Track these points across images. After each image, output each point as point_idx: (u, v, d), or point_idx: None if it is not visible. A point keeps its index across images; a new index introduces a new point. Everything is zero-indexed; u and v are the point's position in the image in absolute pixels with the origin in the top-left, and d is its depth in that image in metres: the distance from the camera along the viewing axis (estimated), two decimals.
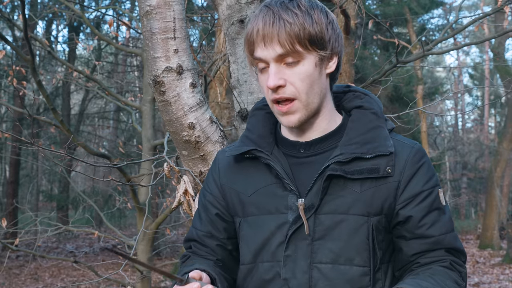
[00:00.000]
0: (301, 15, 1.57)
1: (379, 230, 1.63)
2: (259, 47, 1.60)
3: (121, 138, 21.08)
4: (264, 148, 1.72)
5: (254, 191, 1.72)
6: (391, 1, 18.07)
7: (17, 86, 5.62)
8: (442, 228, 1.64)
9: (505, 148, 17.37)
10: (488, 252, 17.00)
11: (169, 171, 2.61)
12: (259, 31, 1.58)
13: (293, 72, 1.60)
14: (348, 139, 1.67)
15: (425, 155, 1.69)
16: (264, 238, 1.68)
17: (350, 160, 1.62)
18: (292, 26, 1.55)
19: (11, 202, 14.92)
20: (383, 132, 1.68)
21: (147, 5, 2.35)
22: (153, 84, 2.42)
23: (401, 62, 3.80)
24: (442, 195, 1.68)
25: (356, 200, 1.61)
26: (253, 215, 1.71)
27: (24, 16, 3.84)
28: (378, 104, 1.76)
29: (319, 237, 1.62)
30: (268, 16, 1.58)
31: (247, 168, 1.76)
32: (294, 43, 1.56)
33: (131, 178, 6.25)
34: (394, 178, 1.63)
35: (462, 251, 1.67)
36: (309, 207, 1.62)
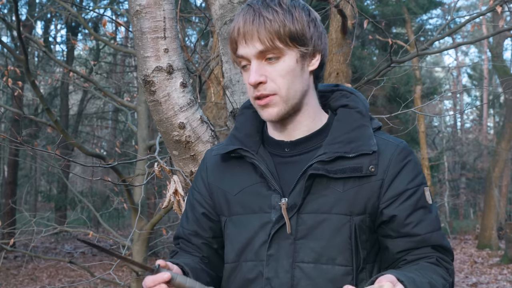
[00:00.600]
0: (282, 12, 1.58)
1: (363, 230, 1.62)
2: (240, 45, 1.61)
3: (119, 138, 21.08)
4: (250, 148, 1.72)
5: (239, 190, 1.72)
6: (389, 1, 18.09)
7: (12, 86, 5.61)
8: (428, 227, 1.63)
9: (504, 148, 17.39)
10: (487, 252, 17.02)
11: (160, 171, 2.60)
12: (240, 29, 1.60)
13: (274, 68, 1.61)
14: (332, 138, 1.66)
15: (410, 153, 1.68)
16: (248, 237, 1.68)
17: (333, 159, 1.62)
18: (272, 22, 1.57)
19: (9, 203, 14.91)
20: (367, 131, 1.67)
21: (137, 4, 2.34)
22: (143, 84, 2.41)
23: (395, 62, 3.80)
24: (428, 194, 1.67)
25: (339, 199, 1.61)
26: (238, 214, 1.72)
27: (17, 15, 3.83)
28: (364, 103, 1.76)
29: (302, 236, 1.61)
30: (248, 14, 1.59)
31: (233, 167, 1.77)
32: (274, 39, 1.57)
33: (125, 178, 6.24)
34: (377, 177, 1.62)
35: (449, 249, 1.66)
36: (291, 206, 1.62)
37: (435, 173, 21.21)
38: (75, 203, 16.28)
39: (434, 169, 20.01)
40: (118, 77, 19.05)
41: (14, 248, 6.96)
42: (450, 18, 4.65)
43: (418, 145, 18.25)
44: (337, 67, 8.38)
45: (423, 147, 18.04)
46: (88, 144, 21.89)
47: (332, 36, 8.54)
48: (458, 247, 18.35)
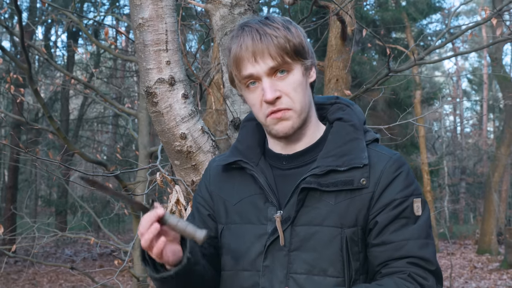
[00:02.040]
0: (282, 28, 1.64)
1: (355, 242, 1.65)
2: (249, 64, 1.64)
3: (119, 143, 21.10)
4: (250, 160, 1.77)
5: (238, 200, 1.77)
6: (389, 7, 18.12)
7: (14, 93, 5.65)
8: (405, 234, 1.64)
9: (503, 153, 17.40)
10: (486, 257, 17.02)
11: (162, 180, 2.64)
12: (248, 47, 1.63)
13: (286, 83, 1.65)
14: (326, 152, 1.71)
15: (403, 165, 1.70)
16: (245, 247, 1.72)
17: (326, 173, 1.66)
18: (278, 39, 1.62)
19: (10, 207, 14.93)
20: (360, 144, 1.71)
21: (140, 17, 2.38)
22: (146, 95, 2.45)
23: (393, 71, 3.84)
24: (419, 205, 1.67)
25: (330, 212, 1.64)
26: (236, 224, 1.77)
27: (21, 25, 3.87)
28: (359, 116, 1.80)
29: (295, 248, 1.66)
30: (253, 32, 1.63)
31: (234, 177, 1.82)
32: (283, 55, 1.62)
33: (127, 185, 6.28)
34: (369, 189, 1.66)
35: (430, 260, 1.63)
36: (285, 219, 1.66)
37: (435, 178, 21.22)
38: (76, 208, 16.29)
39: (434, 174, 20.01)
40: (118, 82, 19.08)
41: (15, 254, 6.97)
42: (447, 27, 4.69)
43: (418, 150, 18.26)
44: (336, 73, 8.42)
45: (423, 152, 18.06)
46: (89, 149, 21.93)
47: (332, 43, 8.59)
48: (458, 252, 18.36)
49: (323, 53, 10.88)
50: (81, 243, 19.99)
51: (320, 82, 15.18)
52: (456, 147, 28.68)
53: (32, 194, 21.65)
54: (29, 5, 17.44)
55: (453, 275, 13.86)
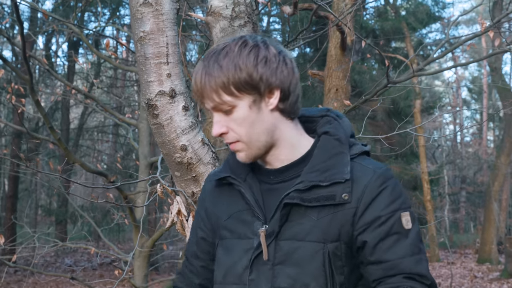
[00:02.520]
0: (225, 65, 1.63)
1: (338, 256, 1.66)
2: (199, 100, 1.71)
3: (120, 152, 21.11)
4: (238, 175, 1.79)
5: (228, 216, 1.80)
6: (388, 16, 18.18)
7: (15, 104, 5.67)
8: (399, 252, 1.63)
9: (503, 163, 17.41)
10: (487, 266, 17.00)
11: (162, 191, 2.66)
12: (195, 86, 1.68)
13: (231, 119, 1.68)
14: (311, 167, 1.71)
15: (389, 179, 1.69)
16: (233, 261, 1.76)
17: (309, 188, 1.67)
18: (216, 79, 1.62)
19: (10, 217, 14.92)
20: (344, 159, 1.70)
21: (141, 31, 2.41)
22: (147, 107, 2.47)
23: (391, 82, 3.87)
24: (408, 218, 1.66)
25: (313, 227, 1.66)
26: (226, 239, 1.80)
27: (23, 37, 3.90)
28: (345, 129, 1.79)
29: (279, 262, 1.68)
30: (198, 72, 1.67)
31: (225, 193, 1.85)
32: (220, 95, 1.63)
33: (127, 195, 6.29)
34: (351, 204, 1.65)
35: (425, 275, 1.63)
36: (270, 233, 1.68)
37: (435, 187, 21.21)
38: (76, 217, 16.31)
39: (434, 183, 20.01)
40: (119, 92, 19.12)
41: (15, 264, 6.97)
42: (446, 37, 4.72)
43: (418, 159, 18.28)
44: (336, 83, 8.43)
45: (423, 161, 18.07)
46: (89, 158, 21.94)
47: (331, 53, 8.61)
48: (458, 261, 18.33)
49: (323, 63, 10.91)
50: (81, 253, 19.98)
51: (320, 92, 15.21)
52: (456, 156, 28.70)
53: (32, 203, 21.63)
54: (30, 15, 17.49)
55: (454, 285, 13.84)
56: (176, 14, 2.52)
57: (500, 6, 15.31)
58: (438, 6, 18.83)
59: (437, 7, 18.80)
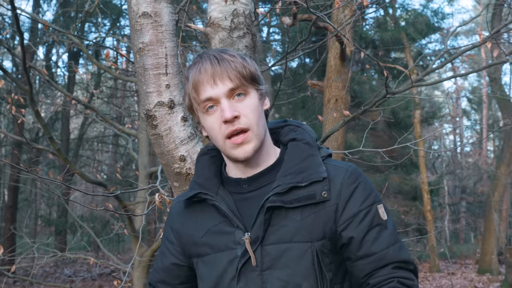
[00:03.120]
0: (238, 56, 1.74)
1: (325, 254, 1.71)
2: (208, 86, 1.71)
3: (119, 162, 21.12)
4: (209, 190, 1.82)
5: (205, 232, 1.82)
6: (388, 27, 18.24)
7: (15, 114, 5.69)
8: (383, 243, 1.71)
9: (503, 173, 17.41)
10: (487, 277, 16.94)
11: (160, 201, 2.67)
12: (208, 71, 1.70)
13: (244, 104, 1.72)
14: (284, 171, 1.76)
15: (360, 175, 1.78)
16: (217, 275, 1.77)
17: (288, 190, 1.71)
18: (236, 64, 1.71)
19: (9, 227, 14.91)
20: (316, 160, 1.77)
21: (140, 42, 2.43)
22: (146, 118, 2.48)
23: (390, 93, 3.88)
24: (383, 210, 1.75)
25: (298, 227, 1.70)
26: (208, 255, 1.81)
27: (23, 48, 3.91)
28: (310, 134, 1.86)
29: (267, 267, 1.70)
30: (211, 58, 1.72)
31: (196, 211, 1.87)
32: (240, 77, 1.70)
33: (127, 205, 6.29)
34: (331, 201, 1.72)
35: (408, 260, 1.72)
36: (254, 239, 1.70)
37: (435, 197, 21.19)
38: (75, 227, 16.28)
39: (434, 193, 19.98)
40: (119, 102, 19.15)
41: (14, 274, 6.96)
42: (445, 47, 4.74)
43: (417, 169, 18.27)
44: (335, 94, 8.46)
45: (422, 171, 18.05)
46: (89, 168, 21.94)
47: (331, 63, 8.64)
48: (458, 272, 18.28)
49: (323, 74, 10.94)
50: (80, 263, 19.93)
51: (320, 102, 15.25)
52: (456, 167, 28.69)
53: (32, 213, 21.63)
54: (31, 26, 17.54)
55: None
56: (175, 25, 2.53)
57: (499, 17, 15.37)
58: (437, 17, 18.89)
59: (436, 18, 18.86)
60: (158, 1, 2.46)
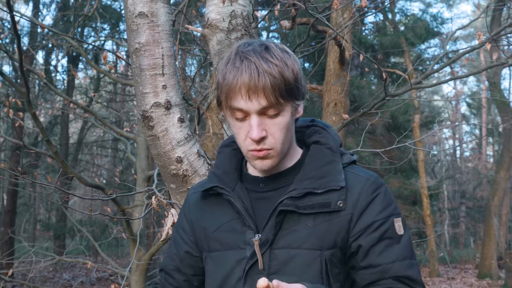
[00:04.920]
0: (280, 65, 1.60)
1: (334, 264, 1.66)
2: (241, 99, 1.61)
3: (119, 167, 21.09)
4: (227, 185, 1.77)
5: (217, 227, 1.77)
6: (387, 31, 18.27)
7: (13, 117, 5.67)
8: (391, 256, 1.65)
9: (503, 177, 17.40)
10: (487, 281, 16.91)
11: (157, 204, 2.64)
12: (245, 84, 1.58)
13: (274, 123, 1.64)
14: (303, 174, 1.71)
15: (380, 186, 1.72)
16: (225, 273, 1.73)
17: (303, 195, 1.66)
18: (275, 79, 1.58)
19: (8, 232, 14.87)
20: (337, 167, 1.72)
21: (136, 42, 2.41)
22: (142, 119, 2.46)
23: (389, 96, 3.86)
24: (400, 224, 1.69)
25: (309, 234, 1.65)
26: (217, 251, 1.77)
27: (20, 49, 3.90)
28: (335, 138, 1.81)
29: (275, 271, 1.65)
30: (252, 68, 1.58)
31: (212, 204, 1.82)
32: (278, 96, 1.59)
33: (124, 209, 6.27)
34: (346, 211, 1.66)
35: (416, 279, 1.65)
36: (264, 242, 1.66)
37: (434, 202, 21.17)
38: (74, 232, 16.25)
39: (434, 197, 19.96)
40: (118, 106, 19.14)
41: (12, 278, 6.93)
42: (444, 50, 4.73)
43: (417, 173, 18.25)
44: (335, 97, 8.45)
45: (422, 176, 18.04)
46: (88, 173, 21.91)
47: (330, 67, 8.63)
48: (458, 277, 18.25)
49: (322, 77, 10.93)
50: (79, 268, 19.89)
51: (319, 106, 15.24)
52: (455, 171, 28.67)
53: (31, 218, 21.58)
54: (30, 30, 17.55)
55: None
56: (172, 25, 2.52)
57: (498, 22, 15.38)
58: (436, 22, 18.94)
59: (435, 23, 18.91)
60: (154, 1, 2.44)
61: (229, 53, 1.68)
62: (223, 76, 1.65)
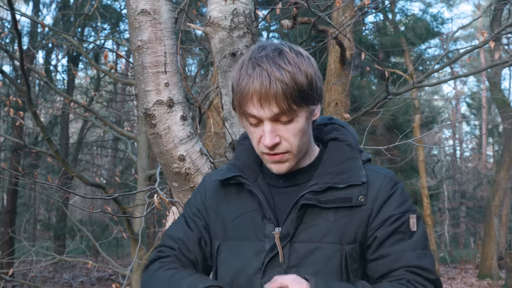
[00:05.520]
0: (292, 71, 1.58)
1: (354, 259, 1.67)
2: (254, 107, 1.60)
3: (119, 167, 21.07)
4: (248, 176, 1.78)
5: (236, 216, 1.77)
6: (388, 32, 18.24)
7: (14, 117, 5.66)
8: (402, 247, 1.67)
9: (503, 177, 17.38)
10: (487, 282, 16.90)
11: (159, 202, 2.63)
12: (256, 92, 1.58)
13: (287, 128, 1.64)
14: (323, 170, 1.73)
15: (397, 183, 1.74)
16: (242, 264, 1.72)
17: (324, 190, 1.68)
18: (287, 86, 1.56)
19: (8, 232, 14.86)
20: (357, 163, 1.75)
21: (139, 40, 2.39)
22: (144, 117, 2.45)
23: (391, 94, 3.85)
24: (414, 221, 1.71)
25: (330, 228, 1.66)
26: (233, 240, 1.76)
27: (21, 48, 3.89)
28: (354, 136, 1.84)
29: (294, 264, 1.66)
30: (263, 76, 1.57)
31: (231, 193, 1.82)
32: (290, 103, 1.58)
33: (125, 208, 6.26)
34: (367, 206, 1.68)
35: (427, 268, 1.66)
36: (284, 235, 1.67)
37: (434, 202, 21.15)
38: (75, 232, 16.24)
39: (434, 198, 19.94)
40: (118, 106, 19.13)
41: (12, 278, 6.92)
42: (446, 50, 4.72)
43: (417, 174, 18.22)
44: (336, 97, 8.45)
45: (422, 176, 18.00)
46: (88, 173, 21.89)
47: (331, 67, 8.63)
48: (458, 277, 18.23)
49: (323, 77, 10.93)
50: (79, 268, 19.88)
51: None
52: (455, 171, 28.64)
53: (31, 218, 21.56)
54: (30, 30, 17.54)
55: None
56: (175, 23, 2.50)
57: (498, 22, 15.36)
58: (437, 22, 18.90)
59: (436, 23, 18.87)
60: None
61: (243, 57, 1.68)
62: (236, 81, 1.65)
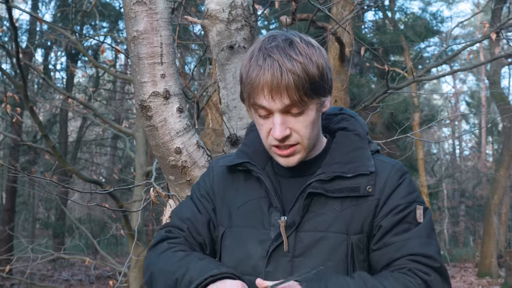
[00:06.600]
0: (304, 62, 1.56)
1: (360, 249, 1.65)
2: (264, 98, 1.58)
3: (118, 165, 21.05)
4: (257, 163, 1.77)
5: (242, 203, 1.76)
6: (387, 30, 18.23)
7: (11, 113, 5.63)
8: (406, 235, 1.65)
9: (502, 176, 17.35)
10: (487, 280, 16.88)
11: (156, 196, 2.60)
12: (267, 83, 1.55)
13: (298, 120, 1.62)
14: (331, 159, 1.71)
15: (405, 173, 1.73)
16: (246, 251, 1.71)
17: (332, 179, 1.66)
18: (299, 78, 1.54)
19: (6, 229, 14.84)
20: (366, 153, 1.73)
21: (134, 30, 2.36)
22: (140, 109, 2.42)
23: (392, 88, 3.82)
24: (421, 212, 1.69)
25: (336, 218, 1.64)
26: (239, 227, 1.75)
27: (17, 42, 3.86)
28: (363, 126, 1.82)
29: (299, 254, 1.64)
30: (274, 67, 1.54)
31: (239, 180, 1.81)
32: (302, 95, 1.56)
33: (122, 204, 6.23)
34: (374, 197, 1.66)
35: (431, 256, 1.63)
36: (290, 224, 1.65)
37: (434, 200, 21.14)
38: (73, 230, 16.23)
39: (433, 196, 19.94)
40: (117, 104, 19.11)
41: (10, 275, 6.89)
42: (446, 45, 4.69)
43: (416, 172, 18.21)
44: (335, 94, 8.42)
45: (421, 174, 18.00)
46: (87, 171, 21.85)
47: (330, 63, 8.60)
48: (458, 275, 18.22)
49: None
50: (78, 266, 19.85)
51: None
52: (455, 170, 28.64)
53: (30, 216, 21.53)
54: (29, 27, 17.50)
55: None
56: (171, 13, 2.47)
57: (498, 19, 15.34)
58: (436, 20, 18.90)
59: (435, 21, 18.86)
60: None
61: (253, 47, 1.65)
62: (246, 72, 1.61)
